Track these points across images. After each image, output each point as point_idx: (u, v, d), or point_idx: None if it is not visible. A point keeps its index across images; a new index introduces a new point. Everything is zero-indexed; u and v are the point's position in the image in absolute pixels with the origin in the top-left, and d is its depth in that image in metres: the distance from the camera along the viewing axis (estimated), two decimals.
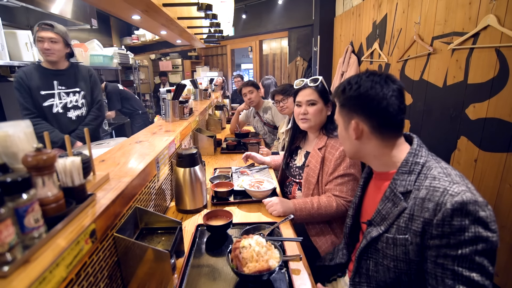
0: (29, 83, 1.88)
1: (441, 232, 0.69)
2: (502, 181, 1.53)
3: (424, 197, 0.73)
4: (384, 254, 0.82)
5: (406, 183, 0.79)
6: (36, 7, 2.38)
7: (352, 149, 0.91)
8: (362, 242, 0.87)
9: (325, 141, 1.41)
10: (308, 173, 1.42)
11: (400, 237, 0.78)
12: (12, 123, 0.59)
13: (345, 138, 0.91)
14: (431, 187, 0.73)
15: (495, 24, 1.49)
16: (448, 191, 0.70)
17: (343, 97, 0.87)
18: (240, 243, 0.88)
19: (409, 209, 0.76)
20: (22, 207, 0.50)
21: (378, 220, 0.84)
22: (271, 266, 0.82)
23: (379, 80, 0.82)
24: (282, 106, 2.21)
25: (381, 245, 0.83)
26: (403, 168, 0.81)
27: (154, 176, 1.17)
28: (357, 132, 0.85)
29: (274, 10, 5.30)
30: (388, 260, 0.81)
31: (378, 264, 0.84)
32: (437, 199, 0.70)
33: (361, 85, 0.83)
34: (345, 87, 0.86)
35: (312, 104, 1.42)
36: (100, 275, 0.73)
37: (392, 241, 0.79)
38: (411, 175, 0.79)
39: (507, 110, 1.48)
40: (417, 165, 0.80)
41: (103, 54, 3.93)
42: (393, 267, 0.80)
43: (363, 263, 0.88)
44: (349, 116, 0.86)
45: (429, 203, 0.72)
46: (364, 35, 3.11)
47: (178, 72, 7.09)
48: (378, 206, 0.85)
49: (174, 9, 2.06)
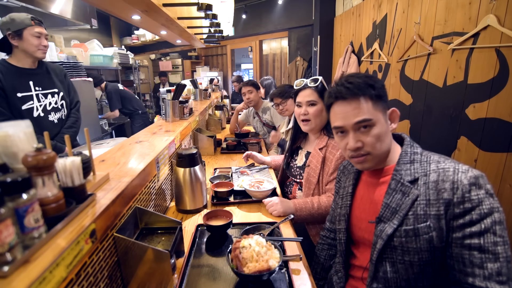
0: (3, 84, 1.66)
1: (463, 209, 0.71)
2: (502, 181, 1.53)
3: (437, 179, 0.76)
4: (405, 250, 0.77)
5: (413, 171, 0.80)
6: (36, 7, 2.39)
7: (390, 145, 0.87)
8: (378, 243, 0.81)
9: (326, 141, 1.41)
10: (309, 173, 1.42)
11: (421, 226, 0.75)
12: (12, 123, 0.59)
13: (387, 132, 0.85)
14: (440, 169, 0.76)
15: (495, 24, 1.49)
16: (459, 170, 0.74)
17: (376, 91, 0.82)
18: (240, 243, 0.88)
19: (423, 195, 0.77)
20: (22, 207, 0.50)
21: (388, 214, 0.80)
22: (271, 266, 0.82)
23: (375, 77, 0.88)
24: (281, 109, 2.21)
25: (398, 240, 0.78)
26: (404, 159, 0.83)
27: (154, 176, 1.17)
28: (397, 118, 0.87)
29: (274, 10, 5.30)
30: (411, 254, 0.77)
31: (397, 263, 0.79)
32: (452, 178, 0.74)
33: (377, 78, 0.86)
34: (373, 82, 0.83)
35: (312, 104, 1.41)
36: (100, 275, 0.73)
37: (413, 233, 0.75)
38: (414, 164, 0.81)
39: (507, 110, 1.48)
40: (416, 155, 0.83)
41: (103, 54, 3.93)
42: (417, 260, 0.76)
43: (379, 266, 0.82)
44: (385, 107, 0.85)
45: (444, 183, 0.74)
46: (364, 35, 3.11)
47: (178, 72, 7.09)
48: (385, 200, 0.82)
49: (174, 9, 2.06)
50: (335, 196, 1.09)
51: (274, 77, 6.02)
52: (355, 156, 0.84)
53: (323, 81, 1.43)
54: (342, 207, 0.97)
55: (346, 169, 1.04)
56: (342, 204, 0.98)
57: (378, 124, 0.82)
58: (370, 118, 0.81)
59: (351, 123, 0.82)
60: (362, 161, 0.85)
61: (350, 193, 0.96)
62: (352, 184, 0.97)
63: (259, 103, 2.79)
